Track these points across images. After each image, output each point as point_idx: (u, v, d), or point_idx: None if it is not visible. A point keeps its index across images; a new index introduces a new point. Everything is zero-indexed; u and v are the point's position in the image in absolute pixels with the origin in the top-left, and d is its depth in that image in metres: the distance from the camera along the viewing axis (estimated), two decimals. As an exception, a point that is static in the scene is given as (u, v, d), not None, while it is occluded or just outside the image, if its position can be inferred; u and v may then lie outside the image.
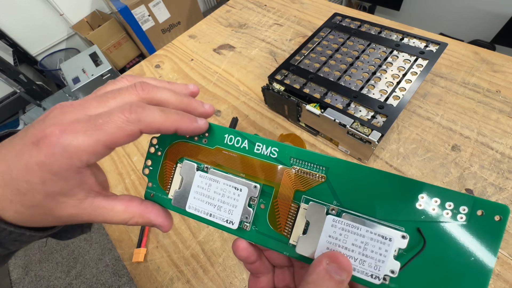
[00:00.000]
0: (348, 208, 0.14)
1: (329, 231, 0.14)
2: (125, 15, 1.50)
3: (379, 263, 0.13)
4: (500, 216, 0.12)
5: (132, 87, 0.15)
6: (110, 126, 0.13)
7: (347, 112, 0.35)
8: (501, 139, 0.36)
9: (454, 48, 0.47)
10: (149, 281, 0.34)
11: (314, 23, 0.58)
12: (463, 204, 0.12)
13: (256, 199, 0.16)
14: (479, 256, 0.12)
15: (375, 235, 0.13)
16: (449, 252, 0.12)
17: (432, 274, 0.12)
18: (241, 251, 0.16)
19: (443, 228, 0.13)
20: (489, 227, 0.12)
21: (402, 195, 0.13)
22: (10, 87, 1.41)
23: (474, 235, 0.12)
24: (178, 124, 0.14)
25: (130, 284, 1.05)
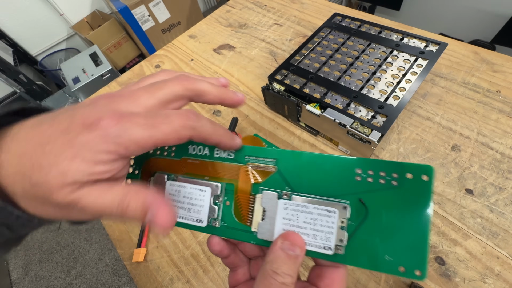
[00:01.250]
0: (298, 192, 0.16)
1: (283, 214, 0.16)
2: (125, 15, 1.50)
3: (328, 235, 0.15)
4: (427, 176, 0.13)
5: (176, 78, 0.15)
6: (166, 127, 0.13)
7: (347, 112, 0.35)
8: (501, 139, 0.36)
9: (454, 48, 0.47)
10: (149, 281, 0.34)
11: (314, 23, 0.58)
12: (394, 171, 0.14)
13: (221, 198, 0.17)
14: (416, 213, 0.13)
15: (322, 210, 0.15)
16: (390, 214, 0.14)
17: (379, 236, 0.14)
18: (214, 246, 0.17)
19: (381, 195, 0.14)
20: (419, 187, 0.13)
21: (342, 172, 0.15)
22: (10, 87, 1.41)
23: (408, 196, 0.14)
24: (222, 139, 0.16)
25: (130, 284, 1.05)
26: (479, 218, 0.31)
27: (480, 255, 0.29)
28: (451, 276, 0.28)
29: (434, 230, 0.31)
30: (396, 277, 0.29)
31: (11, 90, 1.46)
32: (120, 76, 0.60)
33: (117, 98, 0.14)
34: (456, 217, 0.32)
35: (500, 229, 0.30)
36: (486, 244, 0.30)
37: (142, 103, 0.14)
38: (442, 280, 0.28)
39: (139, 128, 0.13)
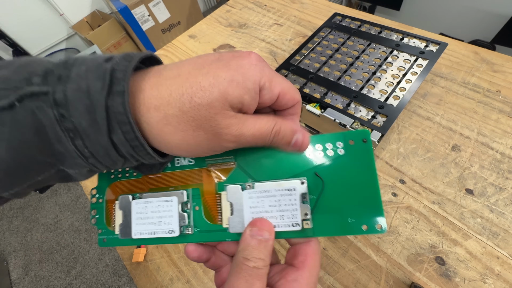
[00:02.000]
0: (260, 180, 0.17)
1: (249, 203, 0.16)
2: (125, 15, 1.50)
3: (294, 212, 0.15)
4: (365, 139, 0.15)
5: None
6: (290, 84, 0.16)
7: (347, 112, 0.35)
8: (501, 139, 0.36)
9: (454, 48, 0.47)
10: (149, 281, 0.34)
11: (314, 23, 0.58)
12: (337, 140, 0.16)
13: (189, 204, 0.17)
14: (363, 172, 0.15)
15: (283, 190, 0.16)
16: (343, 180, 0.15)
17: (339, 202, 0.15)
18: (190, 254, 0.17)
19: (332, 164, 0.16)
20: (361, 149, 0.15)
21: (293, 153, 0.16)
22: (10, 87, 1.41)
23: (354, 160, 0.15)
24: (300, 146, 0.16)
25: (130, 284, 1.05)
26: (479, 218, 0.31)
27: (480, 255, 0.29)
28: (451, 276, 0.28)
29: (434, 230, 0.31)
30: (396, 277, 0.29)
31: (11, 90, 1.46)
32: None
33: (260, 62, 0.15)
34: (456, 217, 0.32)
35: (500, 229, 0.30)
36: (486, 244, 0.30)
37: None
38: (442, 280, 0.28)
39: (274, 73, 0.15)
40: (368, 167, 0.15)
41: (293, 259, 0.15)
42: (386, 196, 0.34)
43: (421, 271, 0.29)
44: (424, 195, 0.34)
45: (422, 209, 0.33)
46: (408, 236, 0.31)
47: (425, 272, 0.29)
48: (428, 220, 0.32)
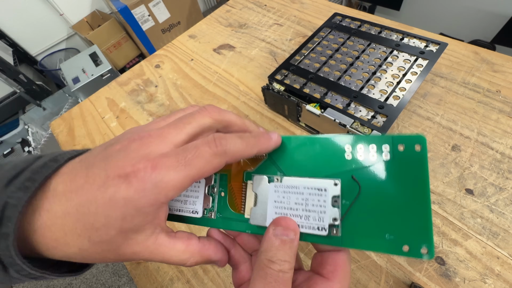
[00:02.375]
0: (290, 175, 0.16)
1: (274, 197, 0.15)
2: (125, 15, 1.50)
3: (321, 214, 0.14)
4: (420, 145, 0.13)
5: (203, 109, 0.15)
6: (199, 161, 0.13)
7: (347, 112, 0.35)
8: (501, 139, 0.36)
9: (454, 48, 0.47)
10: (149, 281, 0.34)
11: (314, 23, 0.58)
12: (383, 143, 0.13)
13: (216, 188, 0.17)
14: (412, 184, 0.13)
15: (312, 189, 0.14)
16: (385, 190, 0.13)
17: (376, 214, 0.13)
18: (213, 236, 0.17)
19: (374, 170, 0.13)
20: (413, 158, 0.13)
21: (332, 151, 0.15)
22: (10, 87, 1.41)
23: (402, 169, 0.13)
24: (258, 148, 0.15)
25: (130, 284, 1.05)
26: (479, 218, 0.31)
27: (480, 255, 0.29)
28: (451, 276, 0.28)
29: (434, 230, 0.31)
30: (396, 277, 0.29)
31: (11, 90, 1.46)
32: (120, 76, 0.60)
33: (147, 139, 0.14)
34: (456, 217, 0.32)
35: (500, 229, 0.30)
36: (486, 244, 0.30)
37: (171, 141, 0.14)
38: (442, 280, 0.28)
39: (173, 172, 0.12)
40: (419, 180, 0.12)
41: (321, 268, 0.14)
42: (386, 196, 0.34)
43: (421, 271, 0.29)
44: (424, 195, 0.34)
45: (422, 209, 0.33)
46: (408, 236, 0.31)
47: (425, 272, 0.29)
48: (428, 220, 0.32)
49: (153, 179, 0.12)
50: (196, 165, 0.13)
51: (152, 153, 0.13)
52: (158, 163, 0.13)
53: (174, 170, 0.13)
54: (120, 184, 0.12)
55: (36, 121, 1.43)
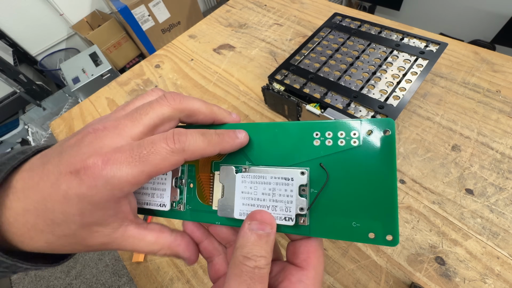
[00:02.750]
0: (259, 165, 0.15)
1: (241, 188, 0.15)
2: (125, 15, 1.50)
3: (288, 204, 0.14)
4: (388, 130, 0.12)
5: (162, 98, 0.14)
6: (155, 158, 0.12)
7: (347, 112, 0.35)
8: (501, 139, 0.36)
9: (454, 48, 0.47)
10: (149, 281, 0.34)
11: (314, 23, 0.58)
12: (352, 129, 0.13)
13: (184, 180, 0.17)
14: (380, 172, 0.12)
15: (279, 179, 0.14)
16: (353, 177, 0.13)
17: (343, 202, 0.13)
18: (186, 226, 0.17)
19: (342, 156, 0.13)
20: (381, 143, 0.12)
21: (300, 138, 0.14)
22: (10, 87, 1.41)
23: (370, 154, 0.13)
24: (221, 146, 0.14)
25: (130, 284, 1.05)
26: (479, 218, 0.31)
27: (480, 255, 0.29)
28: (451, 276, 0.28)
29: (434, 230, 0.31)
30: (396, 277, 0.29)
31: (11, 90, 1.46)
32: (120, 76, 0.60)
33: (101, 132, 0.13)
34: (456, 217, 0.32)
35: (500, 229, 0.30)
36: (486, 244, 0.30)
37: (127, 134, 0.13)
38: (442, 280, 0.28)
39: (127, 167, 0.12)
40: (387, 165, 0.12)
41: (295, 257, 0.14)
42: (386, 196, 0.34)
43: (421, 271, 0.29)
44: (424, 195, 0.34)
45: (422, 209, 0.33)
46: (408, 236, 0.31)
47: (425, 272, 0.29)
48: (428, 220, 0.32)
49: (104, 175, 0.12)
50: (151, 161, 0.12)
51: (104, 148, 0.12)
52: (110, 158, 0.12)
53: (128, 165, 0.12)
54: (71, 180, 0.12)
55: (36, 121, 1.43)
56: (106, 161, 0.12)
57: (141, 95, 0.16)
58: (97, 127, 0.13)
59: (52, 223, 0.12)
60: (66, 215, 0.12)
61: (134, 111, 0.14)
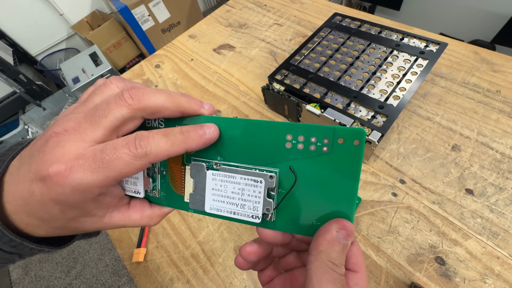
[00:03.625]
0: (230, 161, 0.15)
1: (212, 185, 0.15)
2: (125, 15, 1.50)
3: (256, 204, 0.15)
4: (358, 140, 0.13)
5: (120, 97, 0.13)
6: (118, 163, 0.12)
7: (347, 112, 0.35)
8: (501, 139, 0.36)
9: (454, 48, 0.47)
10: (149, 281, 0.34)
11: (314, 23, 0.58)
12: (325, 136, 0.13)
13: (157, 168, 0.17)
14: (345, 178, 0.13)
15: (249, 180, 0.15)
16: (319, 182, 0.14)
17: (309, 202, 0.14)
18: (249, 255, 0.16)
19: (312, 161, 0.14)
20: (350, 152, 0.13)
21: (272, 139, 0.14)
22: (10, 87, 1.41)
23: (338, 162, 0.13)
24: (187, 146, 0.14)
25: (130, 284, 1.05)
26: (479, 218, 0.31)
27: (480, 255, 0.29)
28: (451, 276, 0.28)
29: (434, 230, 0.31)
30: (396, 277, 0.29)
31: (11, 90, 1.46)
32: (120, 76, 0.60)
33: (62, 136, 0.13)
34: (456, 217, 0.32)
35: (500, 229, 0.30)
36: (486, 244, 0.30)
37: (89, 138, 0.13)
38: (442, 280, 0.28)
39: (91, 173, 0.12)
40: (351, 174, 0.13)
41: (346, 263, 0.15)
42: (386, 196, 0.34)
43: (421, 271, 0.29)
44: (424, 195, 0.34)
45: (422, 209, 0.33)
46: (408, 236, 0.31)
47: (425, 272, 0.29)
48: (428, 220, 0.32)
49: (70, 182, 0.12)
50: (115, 167, 0.12)
51: (66, 154, 0.12)
52: (73, 165, 0.12)
53: (92, 172, 0.12)
54: (42, 187, 0.12)
55: (36, 121, 1.43)
56: (69, 169, 0.12)
57: (100, 87, 0.15)
58: (58, 129, 0.13)
59: (43, 220, 0.13)
60: (51, 214, 0.13)
61: (93, 112, 0.13)
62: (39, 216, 0.13)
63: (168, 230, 0.37)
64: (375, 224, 0.33)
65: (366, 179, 0.36)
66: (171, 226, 0.37)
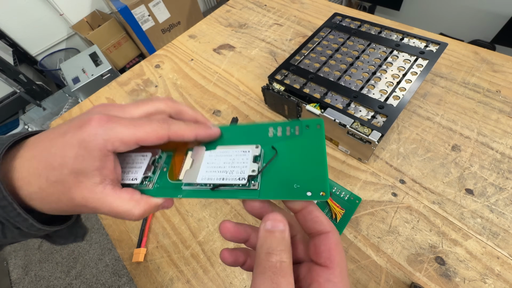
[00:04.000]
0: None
1: (207, 160, 0.18)
2: (125, 15, 1.50)
3: (243, 168, 0.17)
4: (319, 125, 0.17)
5: (162, 98, 0.19)
6: (147, 127, 0.16)
7: (347, 112, 0.35)
8: (501, 139, 0.36)
9: (454, 48, 0.47)
10: (149, 281, 0.34)
11: (314, 23, 0.58)
12: (295, 125, 0.18)
13: (160, 163, 0.20)
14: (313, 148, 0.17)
15: (239, 151, 0.18)
16: (295, 154, 0.17)
17: (287, 171, 0.17)
18: (226, 259, 0.18)
19: (288, 142, 0.18)
20: (315, 132, 0.17)
21: (258, 131, 0.19)
22: (10, 87, 1.41)
23: (308, 139, 0.17)
24: (197, 132, 0.18)
25: (130, 284, 1.05)
26: (479, 218, 0.31)
27: (480, 255, 0.29)
28: (451, 276, 0.28)
29: (434, 230, 0.31)
30: (396, 277, 0.29)
31: (11, 90, 1.46)
32: (120, 76, 0.60)
33: (109, 107, 0.17)
34: (456, 217, 0.32)
35: (500, 229, 0.30)
36: (486, 244, 0.30)
37: (129, 112, 0.17)
38: (442, 280, 0.28)
39: (123, 127, 0.15)
40: (318, 145, 0.17)
41: (317, 256, 0.15)
42: (386, 196, 0.34)
43: (421, 271, 0.29)
44: (424, 195, 0.34)
45: (422, 209, 0.33)
46: (408, 236, 0.31)
47: (425, 272, 0.29)
48: (428, 220, 0.32)
49: (105, 128, 0.15)
50: (144, 129, 0.16)
51: (110, 113, 0.16)
52: (112, 118, 0.15)
53: (125, 127, 0.15)
54: (76, 130, 0.15)
55: (36, 121, 1.43)
56: (108, 120, 0.15)
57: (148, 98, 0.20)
58: (106, 104, 0.17)
59: (49, 167, 0.15)
60: (63, 158, 0.15)
61: (138, 101, 0.18)
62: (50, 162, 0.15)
63: (168, 230, 0.37)
64: (375, 224, 0.33)
65: (366, 179, 0.36)
66: (171, 226, 0.37)
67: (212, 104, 0.49)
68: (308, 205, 0.16)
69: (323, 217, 0.16)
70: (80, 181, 0.15)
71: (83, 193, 0.15)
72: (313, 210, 0.16)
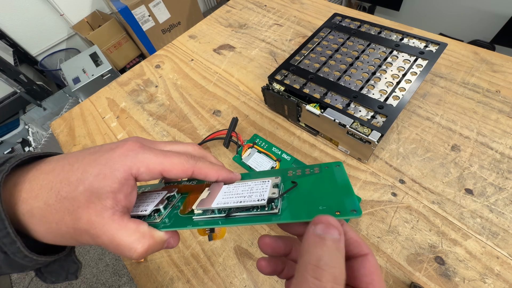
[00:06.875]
0: None
1: (225, 190, 0.18)
2: (125, 15, 1.50)
3: (263, 192, 0.16)
4: (338, 165, 0.18)
5: (190, 143, 0.20)
6: (174, 158, 0.17)
7: (347, 112, 0.35)
8: (500, 139, 0.36)
9: (453, 48, 0.47)
10: (149, 281, 0.34)
11: (314, 23, 0.58)
12: (315, 167, 0.18)
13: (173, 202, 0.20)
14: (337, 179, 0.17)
15: (258, 182, 0.18)
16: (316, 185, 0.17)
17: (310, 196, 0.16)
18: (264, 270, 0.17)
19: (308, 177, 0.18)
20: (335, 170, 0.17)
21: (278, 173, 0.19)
22: (11, 87, 1.41)
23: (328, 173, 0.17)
24: (220, 173, 0.18)
25: (130, 284, 1.05)
26: (478, 218, 0.31)
27: (480, 255, 0.29)
28: (451, 276, 0.29)
29: (434, 230, 0.31)
30: (396, 277, 0.29)
31: (11, 90, 1.46)
32: (120, 76, 0.60)
33: (142, 138, 0.18)
34: (456, 217, 0.32)
35: (500, 229, 0.30)
36: (485, 244, 0.30)
37: (159, 145, 0.18)
38: (442, 280, 0.28)
39: (152, 155, 0.16)
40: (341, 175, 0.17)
41: (357, 281, 0.13)
42: (385, 196, 0.34)
43: (420, 271, 0.29)
44: (423, 195, 0.34)
45: (422, 209, 0.33)
46: (408, 236, 0.31)
47: (425, 272, 0.29)
48: (427, 220, 0.32)
49: (135, 152, 0.16)
50: (171, 160, 0.16)
51: (143, 142, 0.17)
52: (145, 146, 0.16)
53: (154, 154, 0.16)
54: (108, 151, 0.15)
55: (36, 121, 1.43)
56: (142, 146, 0.16)
57: None
58: (140, 137, 0.18)
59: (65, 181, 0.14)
60: (84, 174, 0.14)
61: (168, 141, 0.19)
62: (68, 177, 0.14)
63: (168, 230, 0.37)
64: (374, 224, 0.33)
65: (365, 179, 0.36)
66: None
67: (212, 104, 0.49)
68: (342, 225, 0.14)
69: (359, 239, 0.14)
70: (91, 202, 0.14)
71: (90, 215, 0.14)
72: (348, 231, 0.14)
